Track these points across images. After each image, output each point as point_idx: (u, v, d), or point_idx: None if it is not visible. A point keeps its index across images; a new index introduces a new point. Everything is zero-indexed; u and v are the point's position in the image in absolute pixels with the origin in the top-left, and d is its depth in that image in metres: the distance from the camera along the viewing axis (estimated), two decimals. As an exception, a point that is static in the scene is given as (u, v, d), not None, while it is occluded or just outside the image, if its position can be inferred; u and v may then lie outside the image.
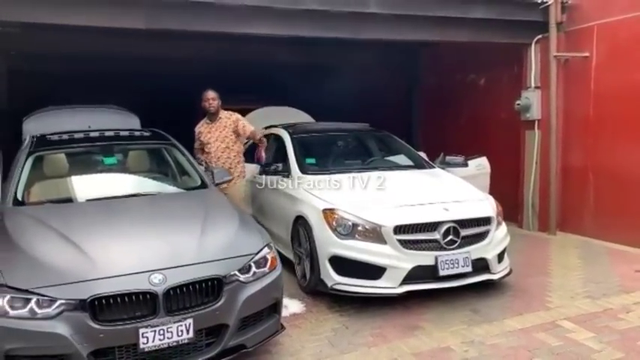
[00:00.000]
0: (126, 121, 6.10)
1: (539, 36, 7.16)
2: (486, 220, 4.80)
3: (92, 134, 5.05)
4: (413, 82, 10.17)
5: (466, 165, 6.28)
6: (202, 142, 6.00)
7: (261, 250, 3.63)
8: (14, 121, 8.14)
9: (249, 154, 6.37)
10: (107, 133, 5.11)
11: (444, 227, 4.52)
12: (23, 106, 6.79)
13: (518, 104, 7.39)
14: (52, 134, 5.03)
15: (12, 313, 2.94)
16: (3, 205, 4.02)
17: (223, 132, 5.90)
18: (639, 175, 6.23)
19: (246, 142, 6.81)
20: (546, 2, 6.91)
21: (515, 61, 7.65)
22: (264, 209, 6.10)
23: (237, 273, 3.40)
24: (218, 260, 3.37)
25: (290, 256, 5.35)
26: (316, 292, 4.80)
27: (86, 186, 4.46)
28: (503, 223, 5.10)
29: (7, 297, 2.96)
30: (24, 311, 2.94)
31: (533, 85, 7.30)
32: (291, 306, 4.60)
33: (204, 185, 4.72)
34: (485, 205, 4.95)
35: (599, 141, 6.72)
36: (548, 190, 7.21)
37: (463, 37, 6.99)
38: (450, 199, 4.86)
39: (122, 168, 4.82)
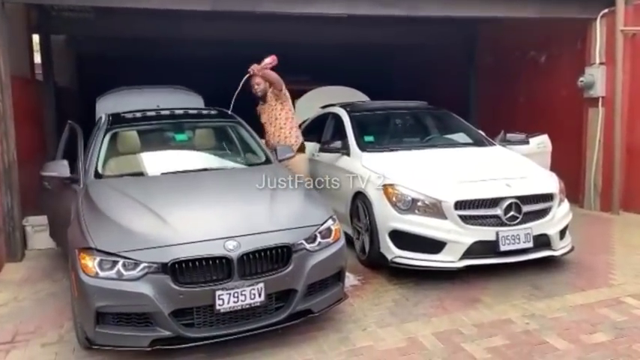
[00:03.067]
0: (191, 101, 6.39)
1: (606, 10, 6.93)
2: (549, 197, 4.77)
3: (163, 112, 5.32)
4: (471, 59, 10.02)
5: (527, 142, 6.20)
6: (262, 121, 6.09)
7: (325, 221, 3.77)
8: (85, 101, 8.63)
9: (310, 133, 6.53)
10: (177, 112, 5.35)
11: (506, 203, 4.53)
12: (93, 88, 7.21)
13: (582, 81, 7.19)
14: (126, 112, 5.30)
15: (101, 274, 3.19)
16: (86, 178, 4.32)
17: (270, 110, 5.93)
18: None
19: (304, 122, 6.96)
20: (614, -26, 6.67)
21: (578, 37, 7.43)
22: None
23: (304, 242, 3.55)
24: (287, 229, 3.53)
25: (349, 231, 5.49)
26: (376, 265, 4.92)
27: (160, 160, 4.72)
28: (566, 200, 5.05)
29: (97, 259, 3.22)
30: (112, 272, 3.20)
31: (597, 61, 7.09)
32: (352, 278, 4.74)
33: (268, 161, 4.91)
34: (548, 182, 4.91)
35: (667, 118, 6.49)
36: (611, 170, 7.03)
37: (529, 12, 6.88)
38: (511, 176, 4.85)
39: (192, 144, 5.06)
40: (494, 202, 4.56)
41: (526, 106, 8.52)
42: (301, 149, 6.02)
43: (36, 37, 8.21)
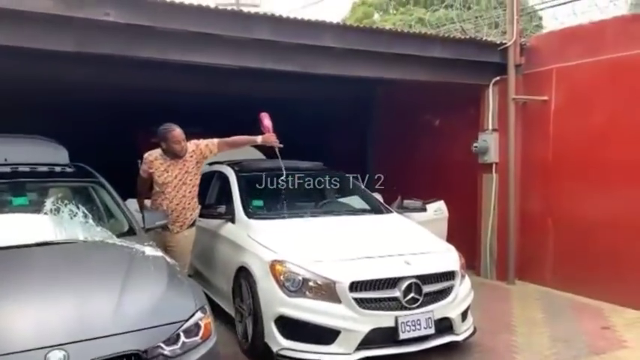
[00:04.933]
0: (52, 154, 5.34)
1: (498, 78, 6.97)
2: (451, 275, 4.36)
3: (2, 169, 4.35)
4: (369, 120, 9.83)
5: (424, 210, 5.91)
6: (156, 180, 4.91)
7: (192, 315, 3.02)
8: None
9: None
10: (21, 168, 4.42)
11: (405, 283, 4.04)
12: None
13: (476, 147, 7.13)
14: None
15: None
16: None
17: (183, 169, 4.85)
18: (600, 222, 5.99)
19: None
20: (505, 44, 6.75)
21: (472, 103, 7.42)
22: (204, 256, 5.48)
23: (162, 345, 2.78)
24: (138, 330, 2.75)
25: (231, 311, 4.74)
26: (260, 356, 4.18)
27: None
28: (467, 277, 4.69)
29: None
30: None
31: (490, 127, 7.07)
32: (230, 374, 3.98)
33: (131, 231, 4.09)
34: (450, 258, 4.53)
35: (558, 186, 6.49)
36: (506, 237, 6.91)
37: (421, 75, 6.73)
38: (411, 251, 4.41)
39: (35, 210, 4.08)
40: (392, 283, 4.05)
41: (423, 170, 8.37)
42: (193, 222, 5.02)
43: None
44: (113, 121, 10.17)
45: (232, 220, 5.02)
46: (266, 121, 5.01)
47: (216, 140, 4.98)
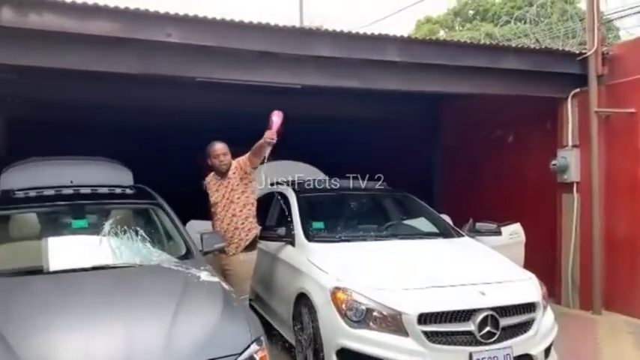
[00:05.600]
0: (116, 176, 5.38)
1: (577, 90, 6.44)
2: (531, 306, 3.92)
3: (65, 191, 4.36)
4: (433, 137, 9.41)
5: (499, 233, 5.44)
6: (210, 201, 4.86)
7: (247, 347, 2.79)
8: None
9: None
10: (83, 190, 4.42)
11: (481, 316, 3.65)
12: (25, 156, 6.13)
13: (554, 164, 6.59)
14: (20, 190, 4.34)
15: None
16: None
17: (229, 187, 4.75)
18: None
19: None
20: (585, 53, 6.23)
21: (548, 117, 6.91)
22: (264, 280, 5.27)
23: (213, 381, 2.57)
24: (188, 364, 2.56)
25: (292, 339, 4.51)
26: (320, 390, 3.90)
27: (44, 255, 3.67)
28: (549, 309, 4.21)
29: None
30: None
31: (570, 143, 6.52)
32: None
33: (189, 254, 3.95)
34: (530, 287, 4.08)
35: (649, 207, 5.86)
36: (590, 262, 6.30)
37: (492, 88, 6.33)
38: (486, 279, 4.00)
39: (93, 233, 4.01)
40: (466, 315, 3.67)
41: (494, 190, 7.86)
42: (252, 245, 4.76)
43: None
44: (177, 142, 10.35)
45: (292, 243, 4.81)
46: (274, 118, 4.65)
47: (246, 154, 4.77)
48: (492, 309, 3.70)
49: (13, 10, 4.38)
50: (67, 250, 3.78)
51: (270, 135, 4.53)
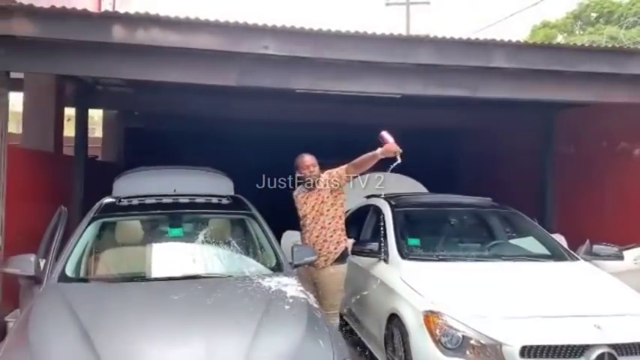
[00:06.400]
0: (219, 185, 5.52)
1: None
2: (658, 346, 3.39)
3: (165, 200, 4.51)
4: (547, 150, 8.69)
5: (621, 257, 4.82)
6: (299, 214, 4.84)
7: (329, 372, 2.65)
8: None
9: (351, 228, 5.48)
10: (181, 199, 4.54)
11: (596, 353, 3.20)
12: (140, 164, 6.55)
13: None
14: (124, 198, 4.57)
15: None
16: (49, 279, 3.49)
17: (319, 199, 4.68)
18: None
19: (347, 211, 5.91)
20: None
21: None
22: (356, 296, 5.10)
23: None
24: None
25: (383, 358, 4.29)
26: (411, 419, 3.65)
27: (140, 263, 3.82)
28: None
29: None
30: None
31: None
32: None
33: (279, 268, 3.89)
34: (657, 323, 3.54)
35: None
36: None
37: (615, 97, 5.71)
38: (603, 311, 3.54)
39: (188, 241, 4.13)
40: (578, 351, 3.25)
41: (615, 209, 7.08)
42: (341, 258, 4.63)
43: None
44: (275, 153, 10.51)
45: (385, 260, 4.59)
46: (386, 135, 4.56)
47: (345, 166, 4.68)
48: (610, 346, 3.24)
49: (123, 27, 4.64)
50: (163, 259, 3.89)
51: (395, 148, 4.44)
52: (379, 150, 4.47)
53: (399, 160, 4.49)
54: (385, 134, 4.57)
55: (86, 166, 7.66)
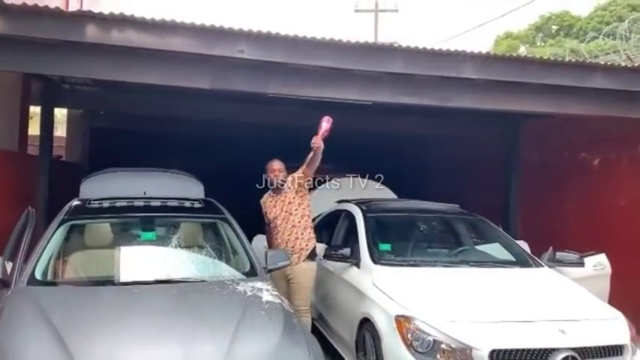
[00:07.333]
0: (188, 188, 5.48)
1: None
2: (618, 349, 3.56)
3: (136, 203, 4.46)
4: (512, 158, 8.93)
5: (582, 264, 5.02)
6: (268, 218, 5.03)
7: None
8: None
9: (322, 232, 5.56)
10: (153, 203, 4.50)
11: (560, 357, 3.34)
12: (104, 165, 6.41)
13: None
14: (95, 200, 4.49)
15: None
16: (18, 282, 3.41)
17: (286, 200, 4.89)
18: None
19: (317, 217, 5.97)
20: (684, 71, 5.72)
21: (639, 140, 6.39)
22: (327, 301, 5.16)
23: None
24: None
25: (353, 364, 4.35)
26: (382, 423, 3.71)
27: (111, 267, 3.76)
28: (639, 353, 3.80)
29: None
30: None
31: (666, 168, 5.99)
32: None
33: (253, 272, 3.90)
34: (617, 327, 3.71)
35: None
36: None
37: (577, 109, 5.91)
38: (567, 316, 3.68)
39: (160, 245, 4.08)
40: (543, 355, 3.38)
41: (577, 217, 7.35)
42: (311, 256, 4.84)
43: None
44: (243, 156, 10.50)
45: (357, 265, 4.66)
46: (323, 123, 4.77)
47: (301, 168, 4.95)
48: (574, 349, 3.38)
49: (97, 27, 4.56)
50: (136, 263, 3.84)
51: (315, 140, 4.69)
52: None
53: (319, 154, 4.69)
54: (324, 122, 4.76)
55: (50, 167, 7.48)
